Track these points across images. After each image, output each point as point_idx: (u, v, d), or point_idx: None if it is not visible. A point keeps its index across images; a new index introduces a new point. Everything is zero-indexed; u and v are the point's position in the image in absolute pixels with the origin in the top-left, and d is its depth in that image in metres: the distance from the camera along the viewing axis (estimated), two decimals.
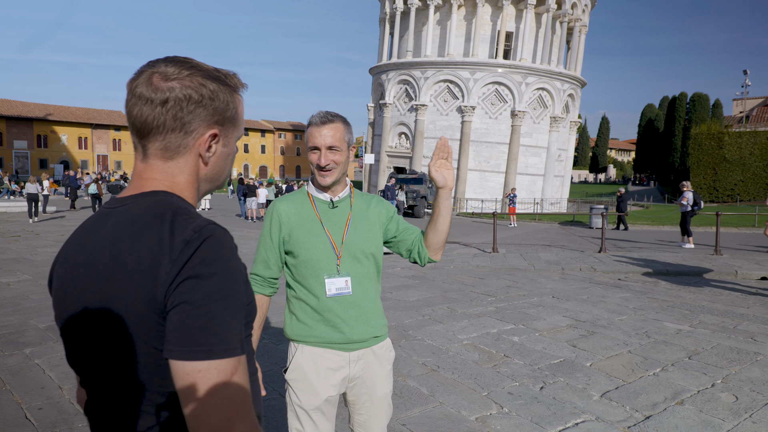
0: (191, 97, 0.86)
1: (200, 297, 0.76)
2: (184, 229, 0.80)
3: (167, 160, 0.88)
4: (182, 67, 0.87)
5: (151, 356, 0.80)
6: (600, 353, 4.52)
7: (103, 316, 0.82)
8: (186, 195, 0.90)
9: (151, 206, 0.85)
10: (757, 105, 51.90)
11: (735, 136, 35.28)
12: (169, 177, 0.89)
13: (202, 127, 0.88)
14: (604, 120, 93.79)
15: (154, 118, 0.85)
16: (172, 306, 0.76)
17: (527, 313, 5.91)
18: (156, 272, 0.77)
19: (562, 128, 31.70)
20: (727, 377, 3.95)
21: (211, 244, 0.79)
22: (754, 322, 5.56)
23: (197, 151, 0.89)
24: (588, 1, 32.14)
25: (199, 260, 0.77)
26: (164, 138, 0.87)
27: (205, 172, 0.93)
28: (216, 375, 0.74)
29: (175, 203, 0.86)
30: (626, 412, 3.37)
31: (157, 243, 0.79)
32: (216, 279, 0.77)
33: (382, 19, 33.88)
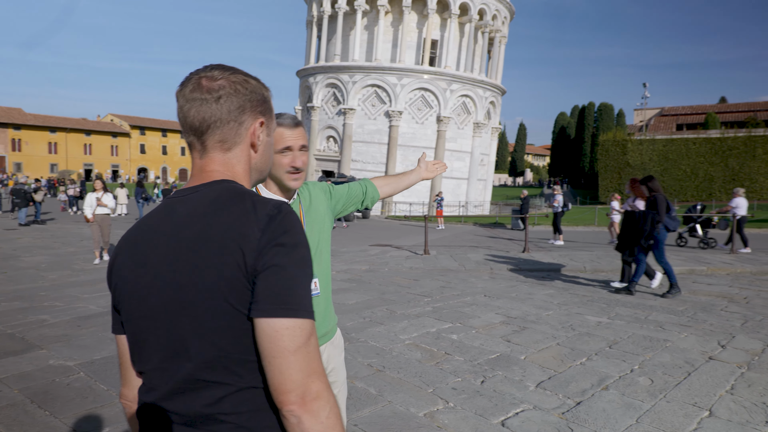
0: (239, 91, 0.97)
1: (287, 262, 0.85)
2: (265, 205, 0.89)
3: (226, 152, 0.97)
4: (224, 69, 0.98)
5: (237, 320, 0.85)
6: (532, 347, 4.84)
7: (192, 283, 0.87)
8: (245, 184, 1.00)
9: (228, 189, 0.93)
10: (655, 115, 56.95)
11: (637, 143, 38.55)
12: (229, 167, 0.98)
13: (250, 118, 0.99)
14: (522, 127, 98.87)
15: (211, 114, 0.95)
16: (263, 269, 0.84)
17: (463, 312, 6.17)
18: (245, 240, 0.85)
19: (485, 134, 33.08)
20: (643, 363, 4.38)
21: (291, 219, 0.89)
22: (661, 313, 6.17)
23: (248, 140, 0.99)
24: (507, 14, 33.81)
25: (282, 231, 0.87)
26: (222, 131, 0.96)
27: (255, 161, 1.03)
28: (300, 333, 0.83)
29: (246, 188, 0.95)
30: (559, 399, 3.65)
31: (243, 215, 0.87)
32: (299, 248, 0.88)
33: (310, 21, 33.69)
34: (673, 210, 7.17)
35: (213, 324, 0.86)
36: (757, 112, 51.72)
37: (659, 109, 58.31)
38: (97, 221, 9.88)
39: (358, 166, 30.50)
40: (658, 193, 7.07)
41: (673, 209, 7.18)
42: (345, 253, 11.45)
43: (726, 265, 9.61)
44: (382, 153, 30.37)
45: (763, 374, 4.09)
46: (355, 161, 30.67)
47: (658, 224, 6.97)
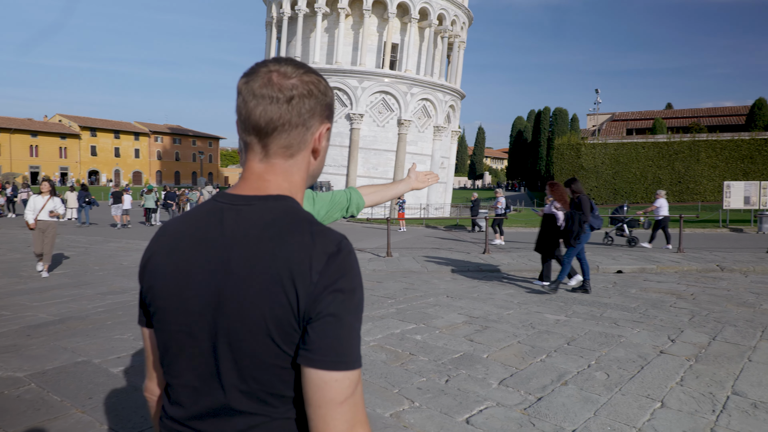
0: (312, 93, 0.89)
1: (344, 311, 0.80)
2: (325, 239, 0.82)
3: (288, 158, 0.90)
4: (296, 65, 0.90)
5: (280, 359, 0.82)
6: (494, 345, 4.95)
7: (237, 313, 0.82)
8: (299, 196, 0.92)
9: (285, 211, 0.86)
10: (607, 120, 59.18)
11: (590, 147, 39.91)
12: (288, 177, 0.91)
13: (318, 123, 0.91)
14: (481, 130, 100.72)
15: (280, 116, 0.86)
16: (318, 317, 0.79)
17: (426, 313, 6.24)
18: (301, 280, 0.79)
19: (445, 137, 33.51)
20: (599, 358, 4.55)
21: (351, 260, 0.83)
22: (615, 310, 6.42)
23: (311, 147, 0.92)
24: (466, 19, 34.39)
25: (341, 274, 0.81)
26: (288, 135, 0.88)
27: (313, 167, 0.96)
28: (347, 385, 0.80)
29: (303, 211, 0.88)
30: (521, 395, 3.75)
31: (301, 250, 0.81)
32: (356, 294, 0.82)
33: (269, 22, 33.32)
34: (596, 209, 7.45)
35: (254, 359, 0.82)
36: (701, 118, 54.57)
37: (611, 114, 60.65)
38: (39, 227, 8.75)
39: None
40: (581, 194, 7.33)
41: (596, 209, 7.44)
42: None
43: (674, 263, 10.08)
44: (343, 156, 30.32)
45: (709, 366, 4.32)
46: None
47: (585, 224, 7.25)
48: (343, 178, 29.83)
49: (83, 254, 11.76)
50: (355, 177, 30.13)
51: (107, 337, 5.15)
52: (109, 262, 10.56)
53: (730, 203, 21.52)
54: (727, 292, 7.62)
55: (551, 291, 7.39)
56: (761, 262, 10.31)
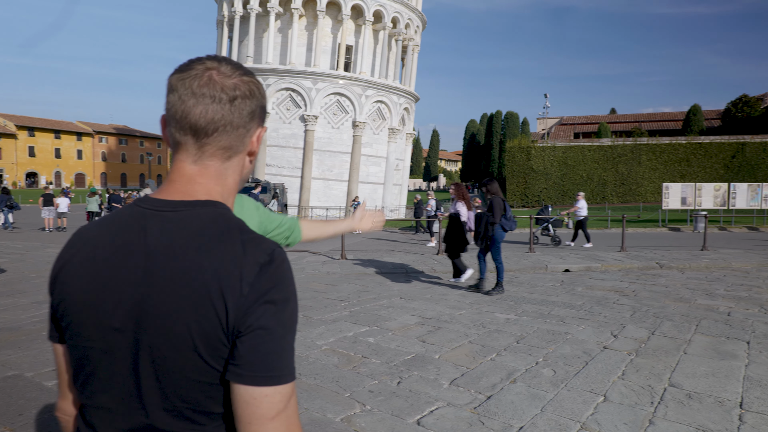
0: (254, 94, 0.87)
1: (275, 323, 0.77)
2: (256, 248, 0.79)
3: (225, 160, 0.86)
4: (234, 65, 0.87)
5: (207, 375, 0.78)
6: (446, 345, 4.99)
7: (161, 328, 0.77)
8: (231, 201, 0.89)
9: (214, 219, 0.82)
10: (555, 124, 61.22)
11: (539, 150, 41.18)
12: (222, 180, 0.87)
13: (256, 125, 0.89)
14: (435, 133, 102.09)
15: (222, 116, 0.83)
16: (248, 331, 0.76)
17: (379, 315, 6.24)
18: (231, 293, 0.76)
19: (399, 139, 33.75)
20: (547, 355, 4.67)
21: (284, 269, 0.80)
22: (562, 308, 6.62)
23: (248, 149, 0.89)
24: (419, 23, 34.78)
25: (273, 285, 0.78)
26: (229, 137, 0.85)
27: (246, 170, 0.93)
28: (279, 399, 0.77)
29: (234, 218, 0.84)
30: (471, 395, 3.79)
31: (230, 262, 0.77)
32: (289, 305, 0.79)
33: (220, 21, 32.60)
34: (509, 211, 7.62)
35: (179, 376, 0.78)
36: (642, 122, 57.30)
37: (559, 118, 62.77)
38: None
39: (273, 170, 29.88)
40: (495, 195, 7.47)
41: (509, 211, 7.60)
42: None
43: (617, 262, 10.51)
44: (297, 157, 30.00)
45: (648, 359, 4.51)
46: (269, 165, 30.03)
47: (494, 225, 7.41)
48: (297, 180, 29.53)
49: (18, 261, 11.09)
50: (309, 179, 29.88)
51: (41, 349, 4.87)
52: (46, 269, 10.01)
53: (669, 204, 22.69)
54: (666, 288, 8.00)
55: (498, 293, 7.55)
56: (696, 259, 10.91)
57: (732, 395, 3.70)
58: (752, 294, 7.53)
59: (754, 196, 22.49)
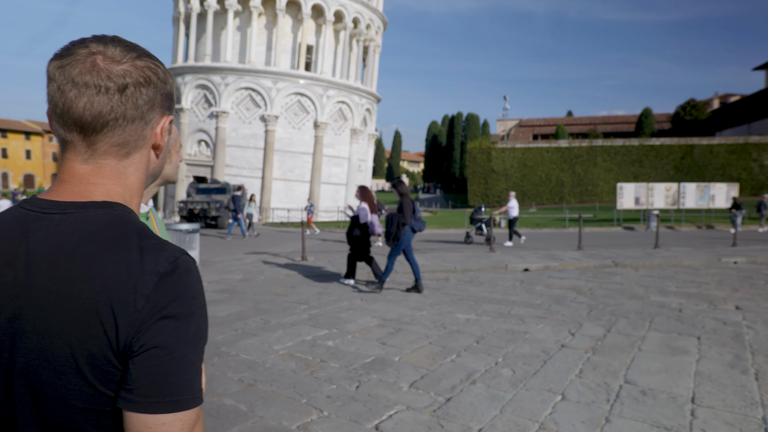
0: (150, 80, 0.75)
1: (175, 341, 0.66)
2: (156, 257, 0.69)
3: (123, 158, 0.75)
4: (126, 47, 0.74)
5: (96, 401, 0.66)
6: (406, 347, 4.93)
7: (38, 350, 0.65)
8: (135, 202, 0.79)
9: (109, 222, 0.70)
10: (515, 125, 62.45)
11: (500, 151, 41.89)
12: (122, 179, 0.76)
13: (158, 115, 0.78)
14: (397, 134, 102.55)
15: (111, 109, 0.71)
16: (142, 350, 0.65)
17: (339, 317, 6.13)
18: (123, 308, 0.65)
19: (362, 140, 33.66)
20: (506, 355, 4.67)
21: (188, 279, 0.70)
22: (522, 307, 6.67)
23: (151, 143, 0.79)
24: (380, 24, 34.79)
25: (174, 297, 0.68)
26: (123, 131, 0.74)
27: (153, 165, 0.83)
28: (180, 428, 0.66)
29: (135, 221, 0.72)
30: (431, 397, 3.74)
31: (124, 272, 0.67)
32: (193, 320, 0.69)
33: (177, 18, 31.71)
34: (419, 212, 7.76)
35: (61, 403, 0.67)
36: (597, 125, 59.16)
37: (518, 120, 64.11)
38: None
39: (233, 171, 29.27)
40: (405, 197, 7.61)
41: (418, 212, 7.73)
42: (218, 263, 10.83)
43: (575, 260, 10.73)
44: (258, 158, 29.49)
45: (604, 357, 4.57)
46: (229, 166, 29.39)
47: (404, 226, 7.51)
48: (258, 180, 29.02)
49: None
50: (271, 180, 29.42)
51: None
52: None
53: (623, 203, 23.44)
54: (621, 286, 8.21)
55: (376, 290, 7.68)
56: (649, 257, 11.26)
57: (684, 390, 3.78)
58: (701, 290, 7.80)
59: (702, 196, 23.51)
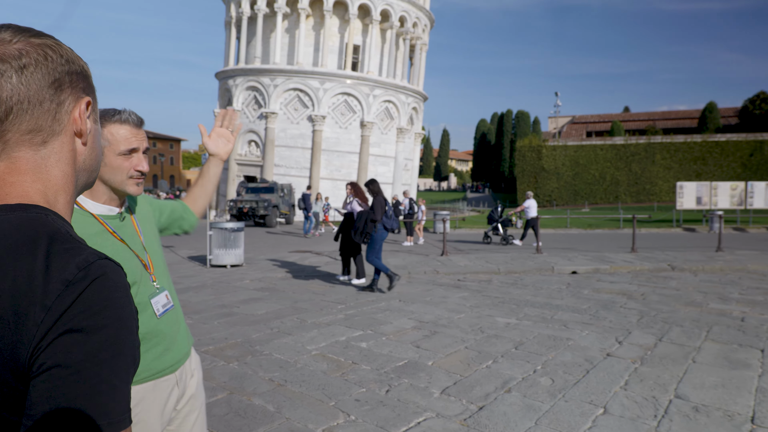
0: (51, 58, 0.67)
1: (81, 358, 0.58)
2: (65, 263, 0.60)
3: (39, 147, 0.67)
4: (17, 29, 0.67)
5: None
6: (441, 351, 4.78)
7: None
8: (62, 200, 0.70)
9: (17, 227, 0.63)
10: (567, 122, 60.57)
11: (551, 149, 40.70)
12: (41, 173, 0.68)
13: (71, 97, 0.70)
14: (445, 132, 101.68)
15: (12, 92, 0.64)
16: (41, 370, 0.57)
17: (375, 318, 6.04)
18: (21, 322, 0.57)
19: (408, 139, 33.53)
20: (546, 363, 4.43)
21: (102, 287, 0.61)
22: (566, 312, 6.36)
23: (72, 128, 0.70)
24: (427, 21, 34.53)
25: (83, 308, 0.59)
26: (32, 116, 0.66)
27: (84, 157, 0.74)
28: None
29: (51, 223, 0.64)
30: (462, 405, 3.57)
31: (25, 281, 0.59)
32: (105, 332, 0.60)
33: (228, 22, 32.64)
34: (391, 210, 7.74)
35: None
36: (656, 121, 56.44)
37: (571, 117, 62.11)
38: None
39: (281, 171, 29.84)
40: (377, 195, 7.59)
41: (389, 210, 7.70)
42: (261, 261, 11.01)
43: (627, 263, 10.19)
44: (305, 158, 29.92)
45: (653, 368, 4.25)
46: (278, 166, 29.97)
47: (374, 223, 7.48)
48: (305, 180, 29.44)
49: None
50: (318, 179, 29.79)
51: None
52: None
53: (683, 203, 22.21)
54: (677, 291, 7.70)
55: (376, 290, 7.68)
56: (710, 261, 10.55)
57: (743, 408, 3.44)
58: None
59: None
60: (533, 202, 14.75)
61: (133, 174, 1.49)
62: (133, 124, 1.49)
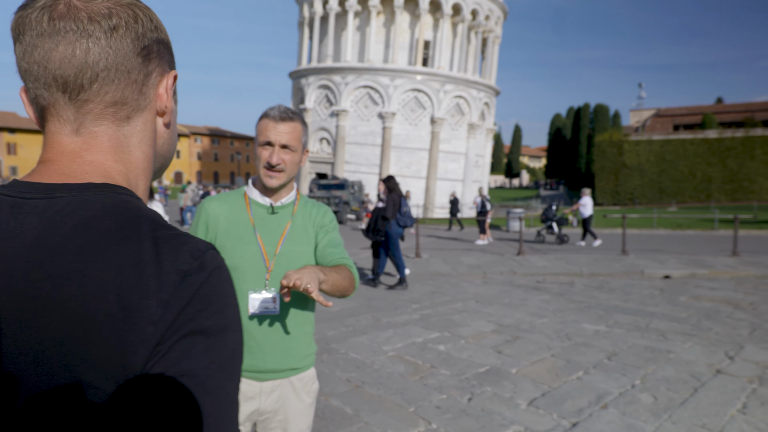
0: (142, 22, 0.57)
1: (207, 365, 0.48)
2: (177, 251, 0.51)
3: (122, 123, 0.58)
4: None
5: None
6: (525, 358, 4.48)
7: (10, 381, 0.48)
8: (142, 186, 0.61)
9: (110, 208, 0.53)
10: (651, 116, 56.92)
11: (633, 144, 38.32)
12: (123, 153, 0.58)
13: (159, 68, 0.60)
14: (517, 128, 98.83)
15: (99, 56, 0.54)
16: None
17: (452, 320, 5.81)
18: (131, 319, 0.47)
19: (479, 135, 32.78)
20: (645, 377, 4.02)
21: (219, 281, 0.52)
22: (663, 320, 5.81)
23: (155, 106, 0.61)
24: (500, 14, 33.56)
25: (203, 305, 0.50)
26: (118, 86, 0.56)
27: (163, 140, 0.64)
28: None
29: (145, 209, 0.56)
30: (554, 420, 3.29)
31: (133, 270, 0.49)
32: (229, 335, 0.51)
33: (301, 22, 33.40)
34: (404, 207, 7.64)
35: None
36: (755, 112, 51.61)
37: (656, 109, 58.26)
38: None
39: (351, 167, 30.15)
40: (392, 192, 7.58)
41: (404, 206, 7.64)
42: None
43: (729, 268, 9.27)
44: (375, 155, 30.03)
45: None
46: (348, 163, 30.31)
47: (386, 220, 7.49)
48: (375, 177, 29.57)
49: None
50: None
51: None
52: None
53: None
54: None
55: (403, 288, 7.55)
56: None
57: None
58: None
59: None
60: (589, 199, 14.48)
61: (264, 165, 1.53)
62: (272, 118, 1.53)
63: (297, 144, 1.55)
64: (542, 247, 13.71)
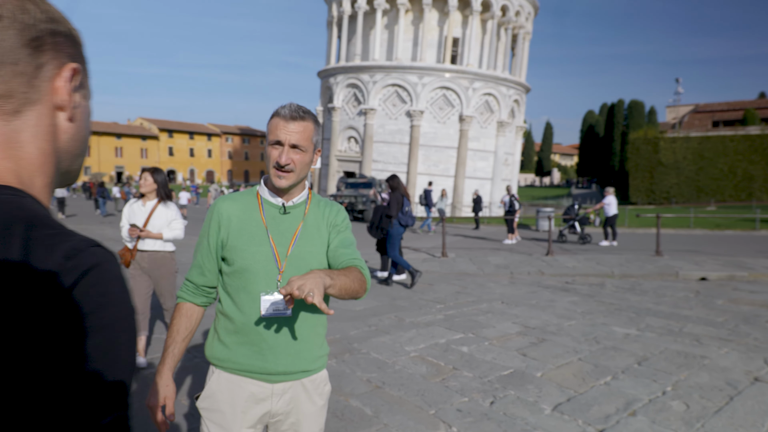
0: (29, 11, 0.56)
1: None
2: (50, 251, 0.49)
3: (10, 117, 0.56)
4: None
5: None
6: (550, 362, 4.37)
7: None
8: (39, 182, 0.58)
9: None
10: (689, 112, 55.09)
11: (669, 141, 37.16)
12: (14, 148, 0.56)
13: (52, 60, 0.58)
14: (548, 125, 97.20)
15: None
16: None
17: (476, 321, 5.72)
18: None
19: (509, 133, 32.33)
20: (677, 384, 3.86)
21: (97, 279, 0.50)
22: (698, 324, 5.59)
23: (52, 100, 0.58)
24: (531, 9, 33.00)
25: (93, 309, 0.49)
26: (1, 79, 0.54)
27: (68, 136, 0.61)
28: None
29: (28, 206, 0.53)
30: (579, 426, 3.18)
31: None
32: (102, 336, 0.49)
33: (330, 22, 33.56)
34: (407, 206, 7.64)
35: None
36: None
37: (693, 105, 56.33)
38: (141, 264, 4.18)
39: (379, 166, 30.14)
40: (396, 191, 7.58)
41: (406, 205, 7.63)
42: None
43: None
44: (403, 153, 29.95)
45: None
46: (376, 161, 30.32)
47: (390, 219, 7.51)
48: (403, 175, 29.50)
49: None
50: (415, 174, 29.72)
51: None
52: None
53: None
54: None
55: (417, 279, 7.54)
56: None
57: None
58: None
59: None
60: (613, 198, 14.26)
61: (274, 164, 1.50)
62: (282, 117, 1.49)
63: (307, 144, 1.51)
64: (572, 247, 13.41)
